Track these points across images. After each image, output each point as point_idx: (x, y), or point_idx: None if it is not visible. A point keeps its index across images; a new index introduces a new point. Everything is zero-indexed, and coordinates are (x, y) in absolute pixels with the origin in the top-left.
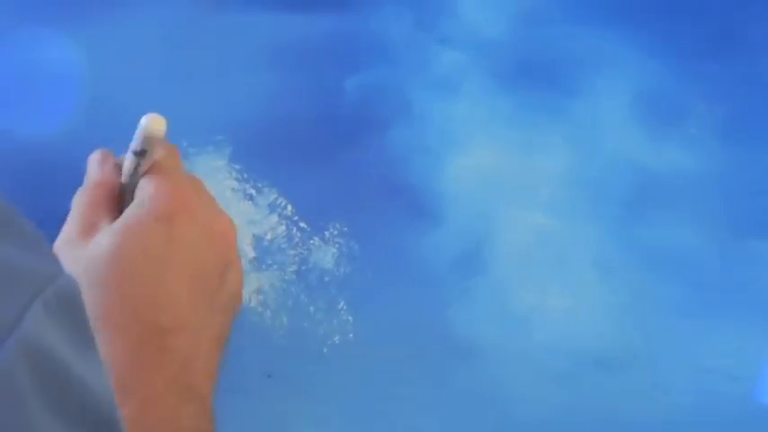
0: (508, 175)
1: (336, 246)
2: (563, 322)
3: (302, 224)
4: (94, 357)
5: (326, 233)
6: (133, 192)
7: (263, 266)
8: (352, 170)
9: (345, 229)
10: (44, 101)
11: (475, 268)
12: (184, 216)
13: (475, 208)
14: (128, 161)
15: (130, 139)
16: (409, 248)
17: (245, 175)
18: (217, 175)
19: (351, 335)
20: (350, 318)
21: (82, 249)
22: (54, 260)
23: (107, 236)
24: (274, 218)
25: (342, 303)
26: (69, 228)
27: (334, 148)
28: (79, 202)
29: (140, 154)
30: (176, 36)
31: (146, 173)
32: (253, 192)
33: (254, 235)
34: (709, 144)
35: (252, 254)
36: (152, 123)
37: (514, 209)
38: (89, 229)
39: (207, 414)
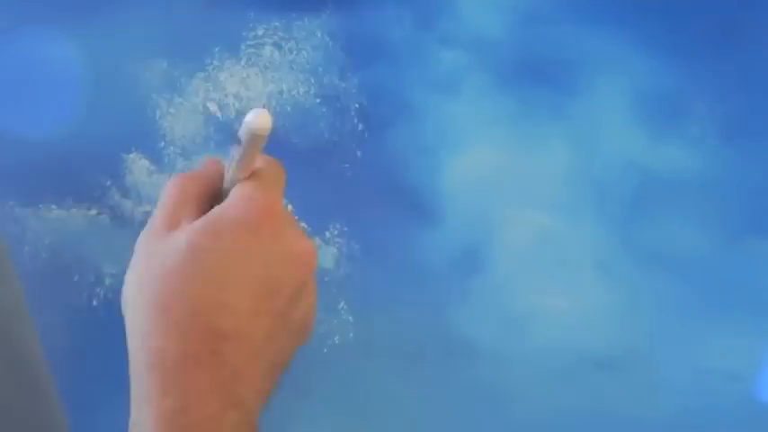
0: (508, 174)
1: (336, 246)
2: (563, 322)
3: (302, 224)
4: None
5: (327, 233)
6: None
7: None
8: (352, 170)
9: (345, 229)
10: (44, 101)
11: (475, 268)
12: (268, 229)
13: (475, 208)
14: (228, 163)
15: (130, 139)
16: (409, 248)
17: None
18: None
19: (351, 335)
20: (350, 318)
21: (162, 241)
22: None
23: (188, 232)
24: None
25: (342, 303)
26: (156, 218)
27: (334, 147)
28: (168, 191)
29: (238, 143)
30: (176, 36)
31: (245, 179)
32: None
33: None
34: (710, 143)
35: None
36: (257, 120)
37: (514, 208)
38: (173, 222)
39: (250, 426)
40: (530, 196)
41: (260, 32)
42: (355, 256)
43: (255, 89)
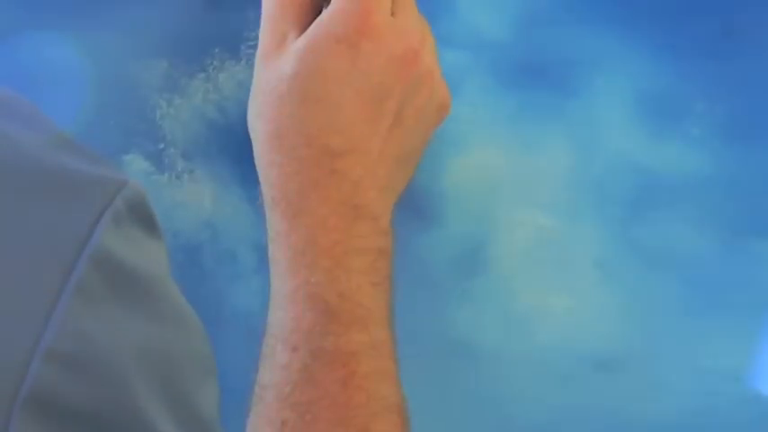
0: (509, 175)
1: None
2: (564, 323)
3: None
4: (163, 253)
5: None
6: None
7: (265, 266)
8: None
9: None
10: (43, 102)
11: (475, 269)
12: (367, 42)
13: (475, 208)
14: None
15: (130, 141)
16: (409, 249)
17: (247, 177)
18: (218, 178)
19: None
20: None
21: (270, 65)
22: (118, 170)
23: (290, 56)
24: None
25: None
26: (263, 40)
27: None
28: (267, 10)
29: None
30: (176, 36)
31: None
32: (255, 192)
33: (255, 236)
34: (711, 144)
35: (253, 255)
36: None
37: (515, 209)
38: (281, 42)
39: (381, 231)
40: (530, 197)
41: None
42: None
43: None
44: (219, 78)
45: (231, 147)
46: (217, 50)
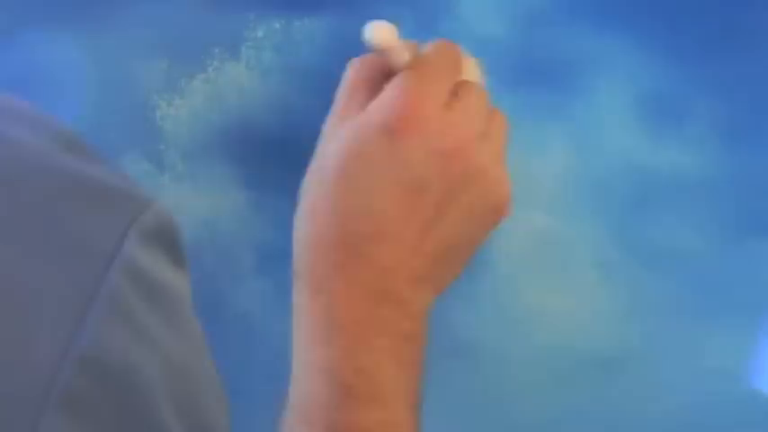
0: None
1: None
2: (564, 323)
3: None
4: (186, 282)
5: None
6: None
7: (264, 268)
8: None
9: None
10: (44, 102)
11: (476, 269)
12: (410, 132)
13: None
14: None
15: (130, 141)
16: None
17: (247, 177)
18: (219, 177)
19: None
20: None
21: (332, 134)
22: (144, 189)
23: (342, 133)
24: (275, 219)
25: None
26: (335, 101)
27: None
28: (346, 71)
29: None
30: (177, 37)
31: (406, 67)
32: (254, 193)
33: (254, 237)
34: (710, 144)
35: (253, 256)
36: (375, 33)
37: (515, 210)
38: (346, 108)
39: (409, 315)
40: (530, 197)
41: (260, 34)
42: None
43: (255, 90)
44: (219, 79)
45: (231, 147)
46: (217, 50)
